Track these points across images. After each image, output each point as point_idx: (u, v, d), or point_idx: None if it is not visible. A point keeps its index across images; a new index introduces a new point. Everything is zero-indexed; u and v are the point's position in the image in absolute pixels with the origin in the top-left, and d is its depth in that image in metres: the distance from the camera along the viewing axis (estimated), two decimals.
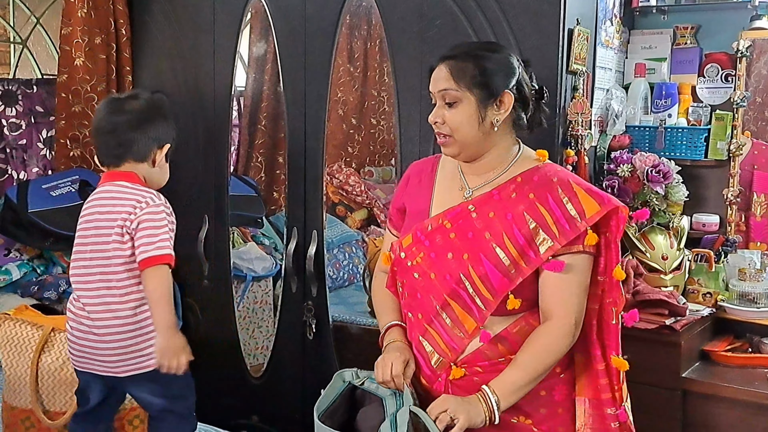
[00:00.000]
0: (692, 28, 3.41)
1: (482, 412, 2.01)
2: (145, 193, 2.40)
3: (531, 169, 2.17)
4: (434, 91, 2.15)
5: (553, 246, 2.05)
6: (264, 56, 4.47)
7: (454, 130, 2.12)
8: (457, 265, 2.11)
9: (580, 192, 2.08)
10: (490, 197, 2.15)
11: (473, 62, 2.12)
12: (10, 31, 4.21)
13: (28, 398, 2.42)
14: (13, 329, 2.49)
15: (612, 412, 2.18)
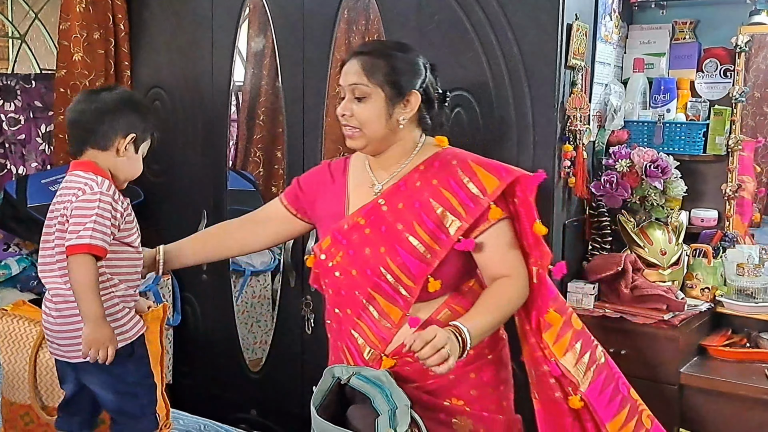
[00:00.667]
0: (691, 23, 3.41)
1: (457, 347, 2.01)
2: (89, 181, 2.33)
3: (432, 156, 2.26)
4: (344, 85, 2.22)
5: (462, 226, 2.15)
6: (262, 51, 4.47)
7: (362, 124, 2.19)
8: (375, 259, 2.18)
9: (479, 170, 2.18)
10: (397, 189, 2.23)
11: (385, 60, 2.20)
12: (9, 26, 4.21)
13: (26, 394, 2.42)
14: (11, 325, 2.49)
15: (546, 369, 2.25)
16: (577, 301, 3.13)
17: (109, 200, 2.30)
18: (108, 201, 2.30)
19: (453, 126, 3.13)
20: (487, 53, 3.04)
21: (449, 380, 2.20)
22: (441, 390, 2.20)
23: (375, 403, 2.04)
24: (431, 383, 2.20)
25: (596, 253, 3.26)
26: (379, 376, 2.09)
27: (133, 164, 2.46)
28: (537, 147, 3.00)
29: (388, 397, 2.04)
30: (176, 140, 4.03)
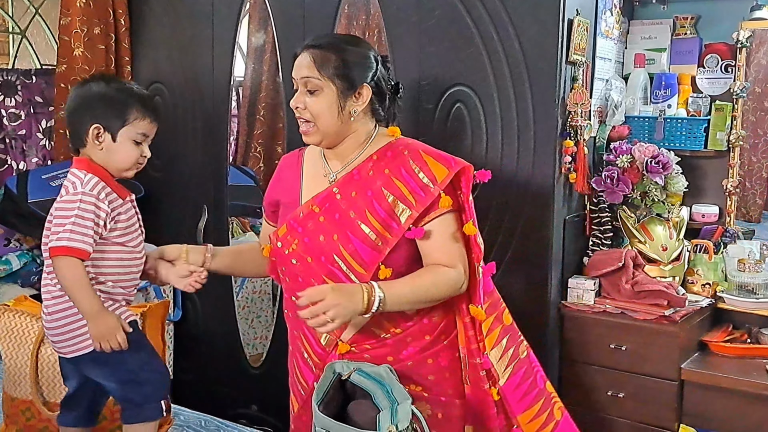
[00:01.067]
0: (692, 19, 3.40)
1: (359, 306, 2.06)
2: (75, 180, 2.32)
3: (385, 146, 2.27)
4: (297, 78, 2.22)
5: (412, 214, 2.16)
6: (263, 46, 4.47)
7: (315, 117, 2.20)
8: (329, 247, 2.20)
9: (430, 160, 2.20)
10: (350, 177, 2.25)
11: (336, 53, 2.21)
12: (9, 21, 4.20)
13: (28, 389, 2.42)
14: (13, 320, 2.49)
15: (478, 361, 2.27)
16: (578, 296, 3.13)
17: (90, 200, 2.26)
18: (90, 201, 2.26)
19: (453, 121, 3.13)
20: (487, 49, 3.04)
21: (407, 366, 2.23)
22: (401, 376, 2.18)
23: (376, 399, 2.04)
24: None
25: (597, 248, 3.26)
26: (380, 372, 2.09)
27: (117, 154, 2.35)
28: (538, 142, 3.00)
29: (389, 393, 2.04)
30: (177, 136, 4.02)
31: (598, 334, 3.11)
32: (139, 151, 2.39)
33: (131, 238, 2.38)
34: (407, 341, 2.23)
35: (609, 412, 3.11)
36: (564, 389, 3.21)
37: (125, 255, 2.37)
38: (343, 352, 2.23)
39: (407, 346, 2.24)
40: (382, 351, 2.23)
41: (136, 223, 2.42)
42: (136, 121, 2.37)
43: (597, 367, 3.13)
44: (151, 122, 2.42)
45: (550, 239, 3.03)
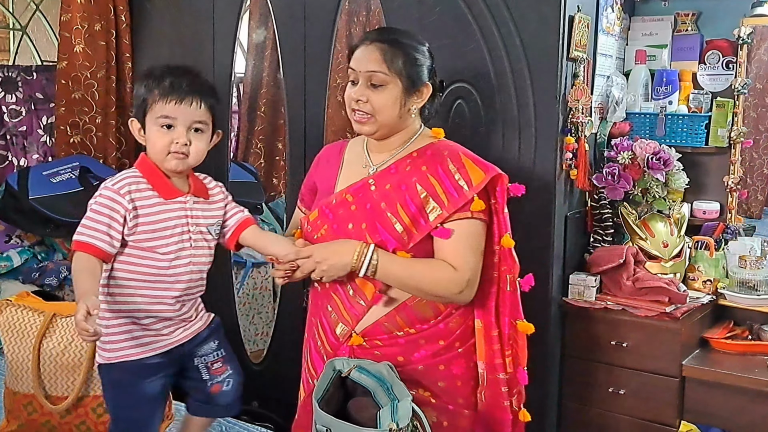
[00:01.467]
0: (693, 15, 3.40)
1: (348, 260, 2.15)
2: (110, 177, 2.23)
3: (426, 146, 2.28)
4: (360, 70, 2.22)
5: (442, 214, 2.17)
6: (263, 43, 4.47)
7: (375, 111, 2.21)
8: (356, 235, 2.21)
9: (468, 162, 2.21)
10: (388, 171, 2.27)
11: (404, 51, 2.22)
12: (10, 17, 4.20)
13: (30, 383, 2.43)
14: (15, 315, 2.49)
15: (503, 377, 2.27)
16: (579, 293, 3.13)
17: (109, 195, 2.14)
18: (107, 196, 2.14)
19: (454, 117, 3.13)
20: (488, 45, 3.04)
21: (417, 370, 2.22)
22: (408, 379, 2.18)
23: (376, 396, 2.04)
24: (399, 371, 2.18)
25: (598, 245, 3.26)
26: (381, 370, 2.09)
27: (149, 145, 2.20)
28: (539, 139, 3.00)
29: (389, 390, 2.04)
30: None
31: (599, 331, 3.11)
32: (169, 138, 2.16)
33: (166, 243, 2.19)
34: (420, 343, 2.22)
35: (610, 409, 3.11)
36: (565, 386, 3.21)
37: (158, 263, 2.19)
38: (355, 345, 2.23)
39: (419, 348, 2.22)
40: (394, 350, 2.22)
41: (178, 228, 2.22)
42: (156, 105, 2.16)
43: (598, 364, 3.12)
44: (176, 103, 2.16)
45: (551, 236, 3.03)
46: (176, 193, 2.22)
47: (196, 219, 2.25)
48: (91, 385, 2.43)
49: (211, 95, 2.23)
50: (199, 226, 2.25)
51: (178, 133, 2.17)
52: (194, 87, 2.19)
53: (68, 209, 3.70)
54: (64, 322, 2.45)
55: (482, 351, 2.28)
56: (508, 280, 2.26)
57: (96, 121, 4.07)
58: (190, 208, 2.24)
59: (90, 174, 3.89)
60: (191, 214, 2.24)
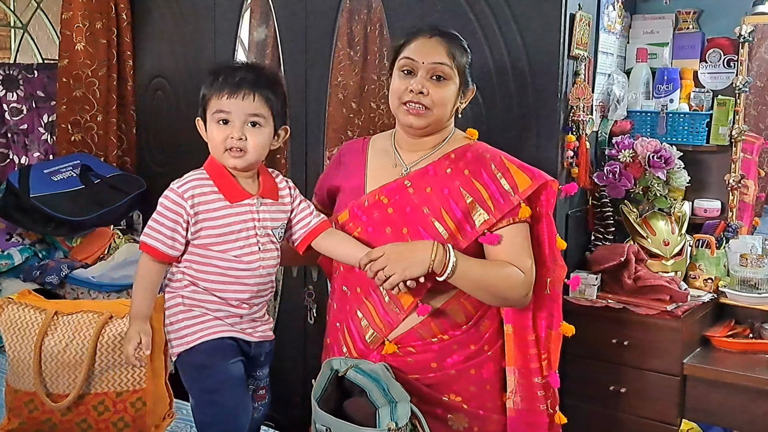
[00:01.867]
0: (694, 13, 3.40)
1: (426, 262, 2.05)
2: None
3: (463, 146, 2.25)
4: (424, 61, 2.16)
5: (489, 220, 2.14)
6: (264, 41, 4.46)
7: (435, 104, 2.16)
8: (395, 239, 2.16)
9: (512, 167, 2.19)
10: (425, 173, 2.21)
11: (463, 50, 2.22)
12: (11, 15, 4.20)
13: (31, 381, 2.42)
14: (17, 313, 2.48)
15: (539, 380, 2.26)
16: (580, 291, 3.13)
17: (173, 198, 2.09)
18: (171, 199, 2.09)
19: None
20: (489, 43, 3.04)
21: (450, 375, 2.19)
22: (441, 384, 2.19)
23: (372, 396, 2.02)
24: (432, 376, 2.19)
25: (599, 243, 3.26)
26: (377, 370, 2.07)
27: (209, 142, 2.17)
28: (540, 137, 3.00)
29: (385, 390, 2.02)
30: (179, 130, 4.02)
31: (600, 329, 3.10)
32: (224, 133, 2.10)
33: (232, 247, 2.11)
34: (453, 348, 2.20)
35: (611, 407, 3.11)
36: (566, 384, 3.20)
37: (225, 264, 2.12)
38: (388, 353, 2.18)
39: (452, 353, 2.19)
40: (427, 356, 2.19)
41: (244, 231, 2.12)
42: (211, 100, 2.12)
43: (599, 362, 3.12)
44: (228, 97, 2.09)
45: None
46: (243, 195, 2.13)
47: (263, 222, 2.14)
48: (93, 383, 2.42)
49: (267, 87, 2.12)
50: (266, 228, 2.15)
51: (234, 127, 2.09)
52: (248, 79, 2.10)
53: (69, 207, 3.70)
54: (65, 319, 2.45)
55: (513, 355, 2.25)
56: (547, 284, 2.24)
57: (97, 120, 4.07)
58: (257, 210, 2.14)
59: (91, 172, 3.89)
60: (258, 216, 2.14)
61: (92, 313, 2.46)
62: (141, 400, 2.47)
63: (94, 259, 3.74)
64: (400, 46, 2.23)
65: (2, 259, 3.59)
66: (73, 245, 3.79)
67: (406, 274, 2.04)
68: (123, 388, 2.44)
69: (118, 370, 2.44)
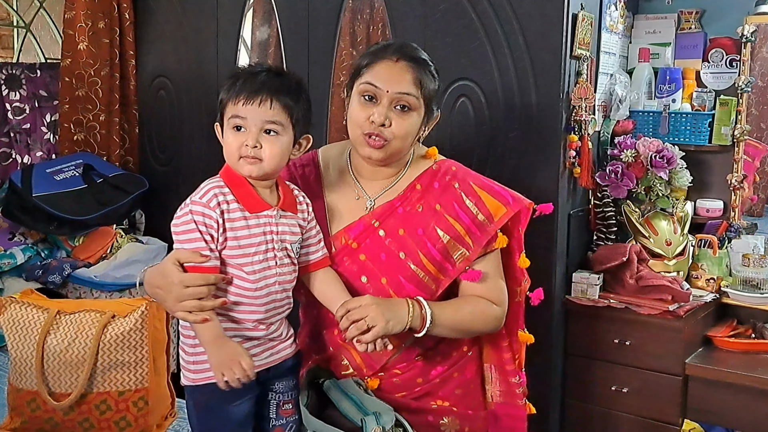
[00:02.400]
0: (697, 13, 3.39)
1: (405, 319, 1.92)
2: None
3: (427, 172, 2.10)
4: (388, 90, 1.96)
5: (469, 256, 2.04)
6: (267, 40, 4.46)
7: (396, 137, 1.98)
8: (376, 290, 2.02)
9: (483, 194, 2.06)
10: (393, 209, 2.06)
11: (431, 76, 2.02)
12: (14, 15, 4.20)
13: (33, 380, 2.42)
14: (19, 312, 2.49)
15: (516, 380, 2.21)
16: (582, 291, 3.13)
17: (199, 210, 1.92)
18: (198, 212, 1.92)
19: (457, 115, 3.13)
20: (492, 43, 3.04)
21: (435, 384, 2.15)
22: (427, 394, 2.14)
23: (340, 406, 1.99)
24: (418, 390, 2.13)
25: (601, 243, 3.26)
26: (346, 385, 2.03)
27: (224, 148, 1.99)
28: (542, 137, 3.00)
29: (357, 404, 1.99)
30: (181, 129, 4.03)
31: (602, 329, 3.11)
32: (239, 140, 1.94)
33: (250, 261, 1.94)
34: (437, 360, 2.13)
35: (613, 407, 3.11)
36: (568, 384, 3.21)
37: (238, 281, 1.94)
38: (373, 388, 2.09)
39: (436, 365, 2.14)
40: (412, 374, 2.12)
41: (263, 245, 1.95)
42: (228, 105, 1.96)
43: (601, 362, 3.12)
44: (245, 102, 1.93)
45: (555, 234, 3.03)
46: (262, 206, 1.97)
47: (281, 235, 1.99)
48: (95, 382, 2.42)
49: (287, 94, 1.98)
50: (283, 242, 1.99)
51: (249, 134, 1.93)
52: (267, 85, 1.95)
53: (72, 207, 3.71)
54: (67, 319, 2.45)
55: (489, 355, 2.23)
56: (518, 292, 2.18)
57: (99, 119, 4.07)
58: (276, 223, 1.98)
59: (93, 171, 3.89)
60: (277, 230, 1.98)
61: (94, 312, 2.46)
62: (143, 399, 2.47)
63: (97, 259, 3.74)
64: (362, 66, 2.02)
65: (5, 259, 3.59)
66: (76, 244, 3.79)
67: (389, 327, 1.89)
68: (125, 387, 2.45)
69: (120, 370, 2.44)
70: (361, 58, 2.05)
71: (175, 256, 1.88)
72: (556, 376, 3.17)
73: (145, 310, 2.45)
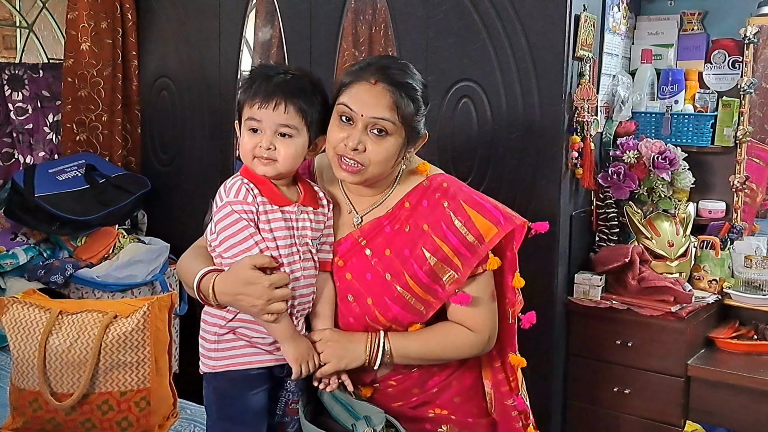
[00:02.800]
0: (699, 14, 3.39)
1: (361, 357, 1.97)
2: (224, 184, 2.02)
3: (417, 189, 2.05)
4: (364, 114, 1.91)
5: (458, 279, 1.97)
6: (270, 41, 4.47)
7: (372, 162, 1.93)
8: (361, 310, 2.01)
9: (473, 213, 1.98)
10: (380, 228, 2.03)
11: (414, 98, 1.95)
12: (17, 15, 4.20)
13: (35, 380, 2.42)
14: (22, 312, 2.49)
15: (510, 403, 2.16)
16: (584, 292, 3.13)
17: (238, 208, 1.95)
18: (238, 209, 1.95)
19: (459, 116, 3.13)
20: (494, 44, 3.04)
21: (432, 393, 2.11)
22: (425, 404, 2.11)
23: (332, 411, 2.00)
24: (415, 400, 2.11)
25: (603, 244, 3.26)
26: (336, 391, 2.02)
27: (240, 148, 2.02)
28: (544, 138, 3.00)
29: (348, 409, 1.99)
30: (183, 130, 4.03)
31: (604, 330, 3.11)
32: (254, 142, 1.98)
33: (275, 255, 1.97)
34: (433, 371, 2.10)
35: (615, 408, 3.11)
36: (570, 385, 3.21)
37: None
38: (365, 396, 2.08)
39: (433, 376, 2.10)
40: (407, 384, 2.09)
41: (288, 239, 1.98)
42: (245, 108, 2.00)
43: (603, 363, 3.13)
44: (260, 106, 1.97)
45: (557, 235, 3.03)
46: (285, 201, 2.00)
47: (302, 231, 2.01)
48: (97, 382, 2.43)
49: (302, 97, 1.99)
50: (304, 237, 2.01)
51: (263, 136, 1.97)
52: (282, 88, 1.98)
53: (74, 207, 3.71)
54: (70, 319, 2.45)
55: (488, 373, 2.18)
56: (510, 313, 2.11)
57: (102, 119, 4.08)
58: (297, 219, 2.01)
59: (96, 172, 3.90)
60: (298, 225, 2.01)
61: (97, 312, 2.46)
62: (145, 399, 2.47)
63: (99, 259, 3.74)
64: (342, 86, 1.98)
65: (7, 259, 3.59)
66: (78, 245, 3.79)
67: (341, 365, 1.95)
68: (127, 387, 2.45)
69: (123, 370, 2.44)
70: (344, 75, 2.01)
71: (252, 262, 1.88)
72: (557, 377, 3.17)
73: (147, 311, 2.46)
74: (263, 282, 1.86)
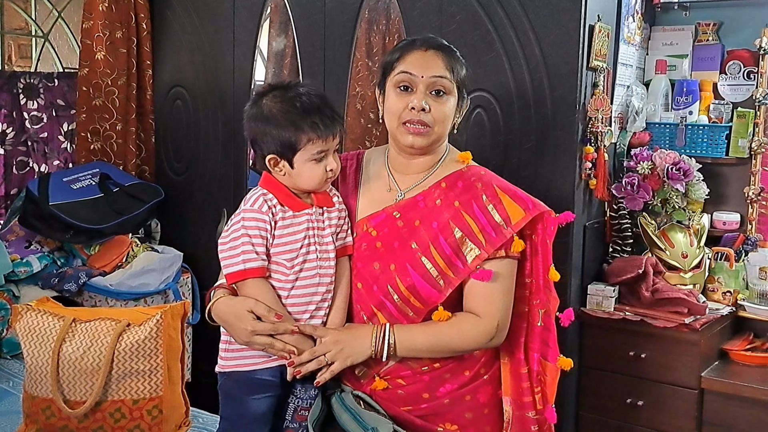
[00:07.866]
0: (714, 25, 3.39)
1: (367, 352, 2.03)
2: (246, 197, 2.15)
3: (455, 173, 2.14)
4: (423, 75, 2.04)
5: (481, 254, 2.02)
6: (283, 51, 4.48)
7: (437, 122, 2.06)
8: (384, 276, 2.07)
9: (505, 198, 2.06)
10: (415, 204, 2.12)
11: (460, 64, 2.12)
12: (32, 24, 4.23)
13: (48, 387, 2.43)
14: (35, 320, 2.50)
15: (532, 415, 2.14)
16: (598, 303, 3.12)
17: (253, 216, 2.07)
18: (251, 218, 2.07)
19: (473, 126, 3.12)
20: (508, 54, 3.04)
21: (443, 404, 2.10)
22: (434, 415, 2.10)
23: (340, 420, 2.01)
24: (424, 407, 2.10)
25: (617, 255, 3.25)
26: (346, 399, 2.06)
27: (299, 178, 2.11)
28: (558, 148, 2.99)
29: (356, 418, 2.00)
30: (197, 139, 4.05)
31: (617, 342, 3.09)
32: (323, 167, 2.09)
33: (291, 257, 2.09)
34: (445, 377, 2.10)
35: (628, 420, 3.10)
36: (583, 396, 3.20)
37: (280, 276, 2.10)
38: (379, 388, 2.10)
39: (445, 382, 2.10)
40: (418, 387, 2.09)
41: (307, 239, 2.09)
42: (309, 145, 2.07)
43: (616, 375, 3.11)
44: (326, 139, 2.07)
45: (570, 245, 3.02)
46: (303, 206, 2.11)
47: (320, 231, 2.12)
48: (109, 390, 2.43)
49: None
50: (323, 237, 2.12)
51: (331, 160, 2.09)
52: (331, 114, 2.12)
53: (88, 215, 3.72)
54: (83, 327, 2.46)
55: (509, 386, 2.16)
56: (540, 315, 2.11)
57: (116, 128, 4.09)
58: (315, 219, 2.12)
59: (110, 180, 3.91)
60: (316, 225, 2.12)
61: (110, 320, 2.47)
62: (157, 407, 2.47)
63: (112, 267, 3.75)
64: (394, 60, 2.10)
65: (21, 267, 3.60)
66: (92, 253, 3.81)
67: (348, 363, 2.02)
68: (139, 395, 2.45)
69: (135, 378, 2.44)
70: (390, 54, 2.14)
71: (252, 307, 2.03)
72: (570, 388, 3.16)
73: (160, 319, 2.46)
74: (247, 327, 2.01)
